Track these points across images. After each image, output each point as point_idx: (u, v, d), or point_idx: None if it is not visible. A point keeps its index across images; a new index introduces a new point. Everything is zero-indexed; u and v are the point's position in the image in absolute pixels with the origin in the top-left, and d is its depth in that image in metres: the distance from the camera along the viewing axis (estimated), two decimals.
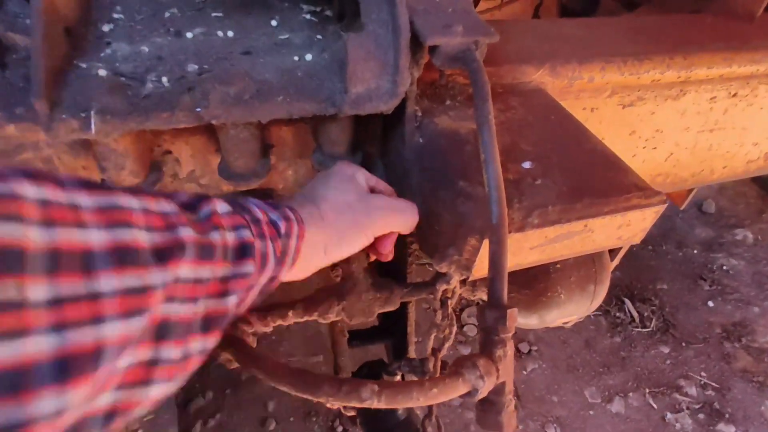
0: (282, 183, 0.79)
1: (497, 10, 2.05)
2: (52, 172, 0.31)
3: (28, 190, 0.27)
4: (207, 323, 0.39)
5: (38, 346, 0.26)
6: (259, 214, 0.47)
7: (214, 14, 0.77)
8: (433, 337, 0.68)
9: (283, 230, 0.48)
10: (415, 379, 0.73)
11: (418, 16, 0.61)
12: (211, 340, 0.40)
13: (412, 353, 0.83)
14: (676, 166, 1.13)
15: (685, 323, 2.22)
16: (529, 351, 2.05)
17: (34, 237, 0.27)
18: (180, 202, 0.41)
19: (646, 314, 2.23)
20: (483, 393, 0.41)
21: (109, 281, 0.30)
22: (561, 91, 0.83)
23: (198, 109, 0.58)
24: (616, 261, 0.85)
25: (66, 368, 0.27)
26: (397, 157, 0.68)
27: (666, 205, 0.60)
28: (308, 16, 0.79)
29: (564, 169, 0.62)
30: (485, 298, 0.75)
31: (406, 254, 0.70)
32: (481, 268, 0.56)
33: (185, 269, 0.36)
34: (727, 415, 1.90)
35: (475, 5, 1.84)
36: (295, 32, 0.73)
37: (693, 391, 1.97)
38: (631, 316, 2.22)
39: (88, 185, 0.32)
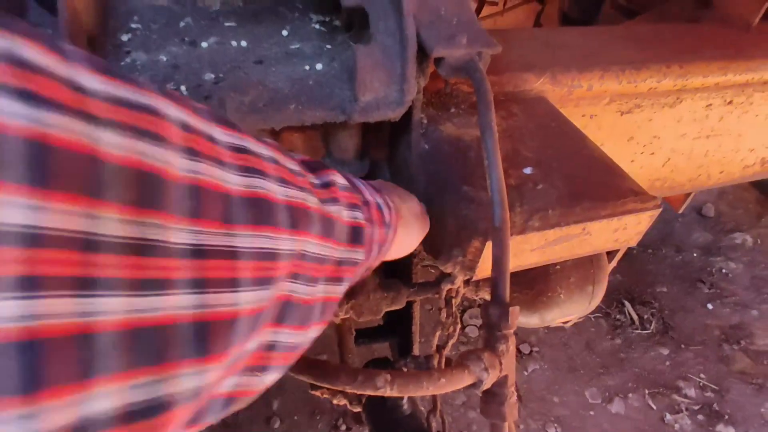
0: None
1: (499, 16, 2.09)
2: (186, 98, 0.27)
3: (171, 109, 0.23)
4: (323, 311, 0.36)
5: (180, 304, 0.22)
6: (369, 196, 0.43)
7: (227, 24, 0.81)
8: (438, 335, 0.71)
9: (387, 219, 0.45)
10: None
11: (424, 27, 0.64)
12: (322, 328, 0.37)
13: (416, 352, 0.86)
14: (673, 171, 1.16)
15: (684, 326, 2.24)
16: (531, 352, 2.08)
17: (178, 166, 0.22)
18: (301, 159, 0.37)
19: (645, 317, 2.25)
20: (487, 384, 0.44)
21: (245, 238, 0.26)
22: (561, 98, 0.86)
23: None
24: (614, 263, 0.88)
25: (205, 337, 0.23)
26: (404, 162, 0.71)
27: (660, 209, 0.63)
28: (317, 26, 0.82)
29: (563, 175, 0.65)
30: (487, 297, 0.78)
31: (412, 255, 0.73)
32: (484, 268, 0.59)
33: (312, 243, 0.32)
34: (726, 416, 1.93)
35: (478, 12, 1.87)
36: (305, 42, 0.76)
37: (692, 392, 2.00)
38: (631, 319, 2.24)
39: (219, 119, 0.28)
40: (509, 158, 0.66)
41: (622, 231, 0.64)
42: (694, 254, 2.58)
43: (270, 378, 0.32)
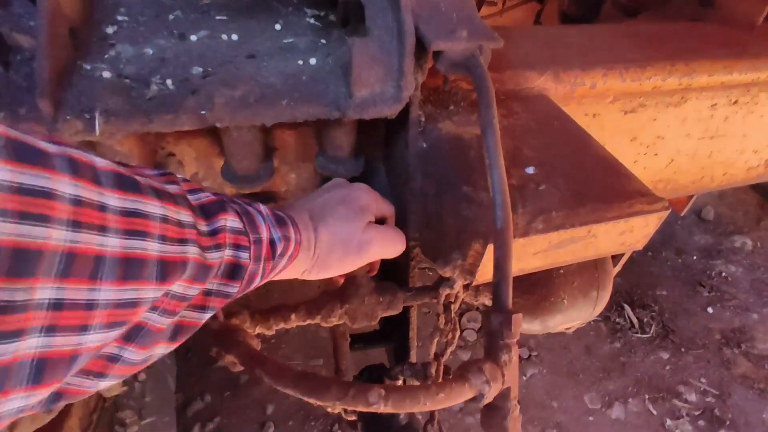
0: (284, 186, 0.79)
1: (499, 15, 2.06)
2: (93, 160, 0.31)
3: (66, 187, 0.28)
4: (176, 332, 0.40)
5: (28, 346, 0.27)
6: (264, 233, 0.47)
7: (218, 17, 0.78)
8: (435, 341, 0.68)
9: (279, 251, 0.48)
10: (417, 383, 0.72)
11: (423, 21, 0.61)
12: (174, 347, 0.41)
13: (413, 357, 0.83)
14: (676, 172, 1.13)
15: (685, 329, 2.21)
16: (530, 356, 2.05)
17: (58, 238, 0.27)
18: (199, 203, 0.42)
19: (645, 320, 2.23)
20: (489, 398, 0.41)
21: (108, 293, 0.31)
22: (563, 96, 0.83)
23: (202, 112, 0.58)
24: (619, 267, 0.85)
25: (41, 371, 0.28)
26: (400, 161, 0.68)
27: (669, 211, 0.60)
28: (312, 21, 0.79)
29: (567, 175, 0.63)
30: (487, 302, 0.75)
31: (409, 258, 0.70)
32: (484, 272, 0.56)
33: (179, 285, 0.37)
34: (727, 422, 1.90)
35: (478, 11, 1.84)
36: (299, 36, 0.74)
37: (693, 397, 1.97)
38: (631, 322, 2.22)
39: (121, 182, 0.32)
40: (511, 157, 0.63)
41: (628, 233, 0.61)
42: (694, 257, 2.56)
43: (104, 384, 0.36)
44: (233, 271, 0.43)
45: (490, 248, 0.52)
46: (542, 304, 0.72)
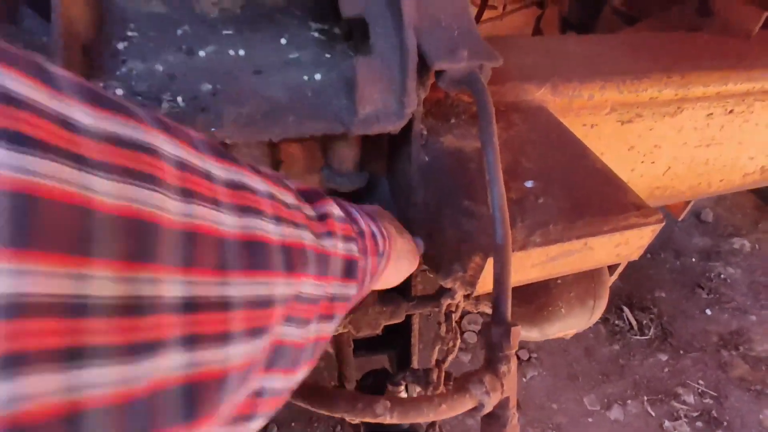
0: None
1: (499, 20, 2.08)
2: (178, 124, 0.24)
3: (166, 145, 0.21)
4: (314, 351, 0.34)
5: (171, 365, 0.20)
6: (364, 225, 0.41)
7: (224, 32, 0.79)
8: (437, 348, 0.70)
9: (381, 248, 0.43)
10: (419, 388, 0.74)
11: (425, 38, 0.63)
12: (308, 371, 0.34)
13: (415, 363, 0.85)
14: (674, 179, 1.15)
15: (683, 331, 2.24)
16: (529, 358, 2.07)
17: (174, 210, 0.20)
18: (297, 190, 0.35)
19: (644, 322, 2.25)
20: (488, 408, 0.43)
21: (240, 287, 0.24)
22: (562, 108, 0.85)
23: (212, 129, 0.60)
24: (615, 276, 0.87)
25: (193, 400, 0.21)
26: (403, 175, 0.70)
27: (663, 224, 0.62)
28: (316, 35, 0.81)
29: (565, 188, 0.65)
30: (487, 311, 0.77)
31: None
32: (484, 284, 0.58)
33: (308, 284, 0.31)
34: (725, 423, 1.92)
35: (479, 16, 1.87)
36: (304, 51, 0.75)
37: (691, 399, 1.99)
38: (630, 324, 2.24)
39: (216, 150, 0.26)
40: (510, 170, 0.65)
41: (624, 245, 0.63)
42: (693, 259, 2.58)
43: (255, 425, 0.29)
44: (348, 268, 0.36)
45: (490, 261, 0.54)
46: (540, 313, 0.74)
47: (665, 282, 2.45)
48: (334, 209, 0.37)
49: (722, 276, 2.50)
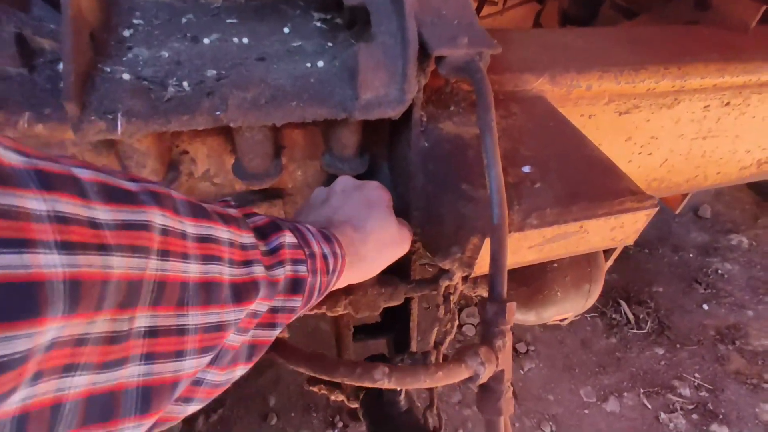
0: (291, 183, 0.83)
1: (499, 15, 2.09)
2: (169, 191, 0.33)
3: (157, 217, 0.30)
4: (252, 352, 0.41)
5: (130, 374, 0.28)
6: (316, 248, 0.48)
7: (228, 21, 0.81)
8: (435, 331, 0.71)
9: (331, 267, 0.49)
10: None
11: (426, 27, 0.65)
12: (250, 366, 0.42)
13: (414, 348, 0.87)
14: (670, 171, 1.16)
15: (680, 325, 2.25)
16: (527, 351, 2.09)
17: (152, 267, 0.29)
18: (255, 226, 0.44)
19: (641, 316, 2.26)
20: (483, 379, 0.45)
21: (195, 317, 0.32)
22: (560, 98, 0.86)
23: (217, 113, 0.61)
24: (610, 261, 0.89)
25: (148, 399, 0.29)
26: (403, 160, 0.72)
27: (657, 208, 0.64)
28: (319, 24, 0.82)
29: (561, 174, 0.66)
30: (484, 294, 0.78)
31: (410, 252, 0.74)
32: (482, 265, 0.60)
33: (255, 303, 0.38)
34: (720, 416, 1.94)
35: (479, 11, 1.88)
36: (306, 39, 0.77)
37: (687, 392, 2.01)
38: (627, 318, 2.25)
39: (194, 210, 0.34)
40: (508, 157, 0.66)
41: (619, 229, 0.65)
42: (691, 255, 2.59)
43: (191, 408, 0.37)
44: (294, 286, 0.44)
45: (487, 243, 0.56)
46: (537, 297, 0.75)
47: (663, 277, 2.47)
48: (287, 239, 0.45)
49: (720, 272, 2.51)
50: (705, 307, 2.34)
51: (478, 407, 0.49)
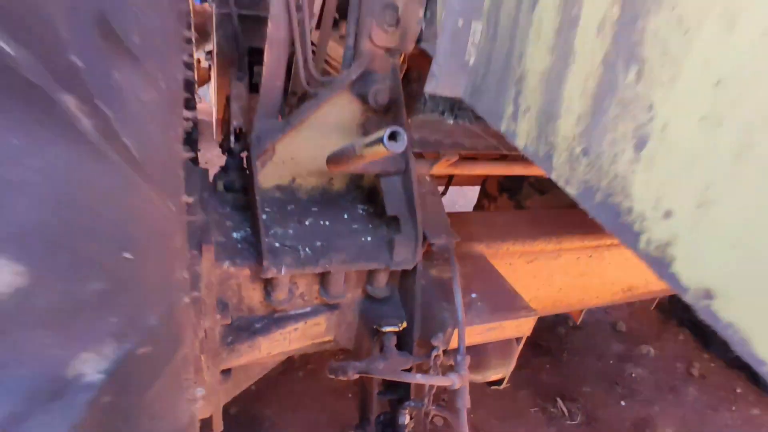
0: (345, 302, 1.46)
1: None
2: None
3: None
4: None
5: None
6: None
7: (313, 209, 1.50)
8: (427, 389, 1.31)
9: None
10: (415, 413, 1.34)
11: (425, 225, 1.35)
12: None
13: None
14: (565, 296, 1.87)
15: (604, 418, 2.83)
16: None
17: None
18: None
19: (573, 410, 2.83)
20: (457, 386, 1.05)
21: None
22: (492, 255, 1.57)
23: (326, 265, 1.27)
24: (521, 345, 1.52)
25: None
26: (410, 290, 1.38)
27: (537, 316, 1.31)
28: (362, 212, 1.53)
29: (491, 298, 1.33)
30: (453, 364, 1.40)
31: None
32: (453, 343, 1.23)
33: None
34: None
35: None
36: (358, 223, 1.46)
37: None
38: (563, 412, 2.82)
39: None
40: (464, 289, 1.33)
41: (520, 327, 1.31)
42: (611, 361, 3.25)
43: None
44: None
45: (456, 332, 1.20)
46: (481, 363, 1.37)
47: (590, 379, 3.09)
48: None
49: (633, 375, 3.16)
50: (623, 403, 2.95)
51: (449, 405, 1.09)
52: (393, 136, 0.77)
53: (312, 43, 1.52)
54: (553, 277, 1.77)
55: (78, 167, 0.44)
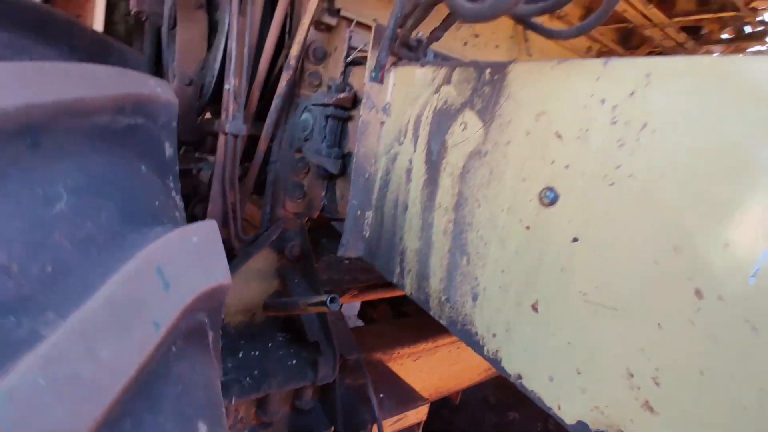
0: (274, 419, 1.75)
1: None
2: None
3: None
4: None
5: None
6: None
7: (241, 342, 1.81)
8: None
9: None
10: None
11: (338, 341, 1.75)
12: None
13: None
14: (446, 382, 2.36)
15: None
16: None
17: None
18: None
19: None
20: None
21: None
22: (388, 359, 2.01)
23: (267, 389, 1.57)
24: (420, 429, 1.94)
25: None
26: (332, 401, 1.73)
27: (429, 404, 1.75)
28: (281, 339, 1.87)
29: (394, 395, 1.75)
30: None
31: None
32: None
33: None
34: None
35: None
36: (281, 349, 1.80)
37: None
38: None
39: None
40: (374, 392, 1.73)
41: (419, 413, 1.73)
42: None
43: None
44: None
45: (375, 427, 1.57)
46: None
47: None
48: None
49: None
50: None
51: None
52: (333, 300, 1.20)
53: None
54: (434, 369, 2.26)
55: None
